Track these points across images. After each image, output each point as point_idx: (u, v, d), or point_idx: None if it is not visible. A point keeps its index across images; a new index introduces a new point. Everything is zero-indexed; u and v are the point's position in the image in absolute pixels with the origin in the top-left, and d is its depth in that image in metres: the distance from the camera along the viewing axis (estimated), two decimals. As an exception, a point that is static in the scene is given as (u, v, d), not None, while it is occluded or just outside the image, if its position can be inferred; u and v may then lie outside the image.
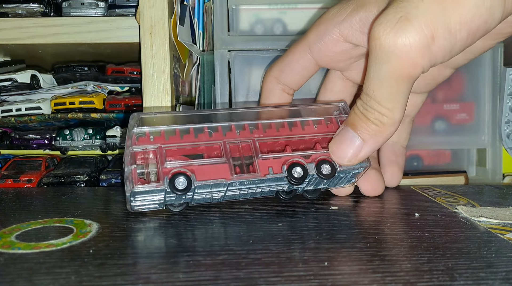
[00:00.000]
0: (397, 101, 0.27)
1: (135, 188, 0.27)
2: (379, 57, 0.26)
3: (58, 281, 0.20)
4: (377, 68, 0.26)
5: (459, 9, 0.24)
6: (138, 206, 0.29)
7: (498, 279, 0.20)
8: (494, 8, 0.24)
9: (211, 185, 0.28)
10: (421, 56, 0.25)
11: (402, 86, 0.26)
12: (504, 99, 0.47)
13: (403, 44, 0.25)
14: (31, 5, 0.44)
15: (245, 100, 0.45)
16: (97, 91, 0.50)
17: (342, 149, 0.29)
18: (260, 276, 0.20)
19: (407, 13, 0.25)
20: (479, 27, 0.24)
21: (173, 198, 0.29)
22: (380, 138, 0.28)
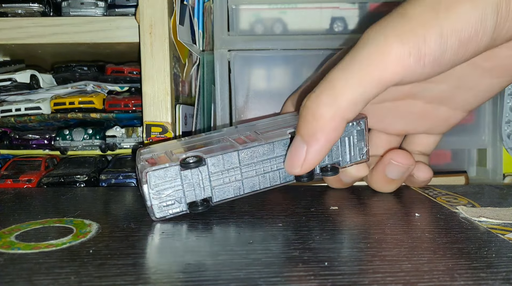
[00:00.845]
0: (351, 92, 0.25)
1: (149, 169, 0.27)
2: (363, 43, 0.25)
3: (58, 281, 0.20)
4: (356, 52, 0.25)
5: (451, 16, 0.24)
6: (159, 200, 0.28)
7: (498, 279, 0.19)
8: (486, 21, 0.24)
9: (222, 155, 0.29)
10: (408, 55, 0.24)
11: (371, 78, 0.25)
12: (505, 99, 0.47)
13: (395, 35, 0.24)
14: (30, 4, 0.44)
15: (245, 100, 0.44)
16: (96, 91, 0.50)
17: (291, 159, 0.28)
18: (260, 276, 0.20)
19: (405, 11, 0.25)
20: (470, 38, 0.24)
21: (191, 187, 0.28)
22: (321, 136, 0.26)
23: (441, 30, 0.24)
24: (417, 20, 0.24)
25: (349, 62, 0.25)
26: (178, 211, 0.29)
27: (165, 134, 0.42)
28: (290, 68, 0.44)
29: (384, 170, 0.34)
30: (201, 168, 0.28)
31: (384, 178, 0.34)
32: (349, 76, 0.25)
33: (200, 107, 0.47)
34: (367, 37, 0.25)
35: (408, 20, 0.24)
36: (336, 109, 0.25)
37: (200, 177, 0.29)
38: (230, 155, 0.29)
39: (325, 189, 0.37)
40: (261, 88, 0.45)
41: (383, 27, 0.25)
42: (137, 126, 0.48)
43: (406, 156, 0.33)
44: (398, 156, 0.33)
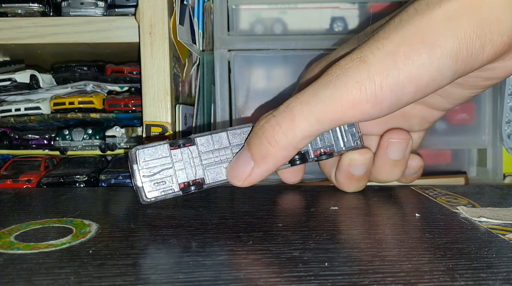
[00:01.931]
0: (309, 126, 0.26)
1: (138, 147, 0.28)
2: (327, 82, 0.26)
3: (58, 281, 0.20)
4: (318, 89, 0.26)
5: (408, 65, 0.24)
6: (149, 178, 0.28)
7: (498, 279, 0.19)
8: (443, 68, 0.24)
9: (211, 135, 0.29)
10: (365, 101, 0.25)
11: (327, 117, 0.26)
12: (505, 99, 0.47)
13: (355, 81, 0.25)
14: (30, 4, 0.44)
15: (245, 100, 0.44)
16: (96, 91, 0.50)
17: (234, 169, 0.29)
18: (260, 277, 0.20)
19: (365, 56, 0.25)
20: (428, 84, 0.25)
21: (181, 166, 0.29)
22: (271, 161, 0.28)
23: (398, 79, 0.25)
24: (375, 67, 0.25)
25: (311, 99, 0.26)
26: (169, 191, 0.29)
27: (165, 135, 0.42)
28: (290, 68, 0.44)
29: (386, 154, 0.34)
30: (191, 147, 0.29)
31: (388, 162, 0.34)
32: (309, 112, 0.26)
33: (200, 107, 0.47)
34: (330, 78, 0.26)
35: (367, 67, 0.25)
36: (292, 139, 0.27)
37: (190, 156, 0.29)
38: (219, 135, 0.29)
39: (325, 189, 0.37)
40: (261, 88, 0.45)
41: (344, 71, 0.26)
42: (137, 126, 0.48)
43: (402, 131, 0.34)
44: (394, 134, 0.33)
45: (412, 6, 0.25)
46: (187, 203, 0.32)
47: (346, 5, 0.45)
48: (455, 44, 0.24)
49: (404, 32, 0.25)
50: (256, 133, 0.28)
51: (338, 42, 0.43)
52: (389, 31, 0.25)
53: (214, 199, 0.35)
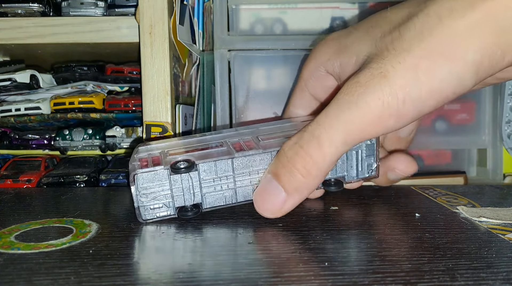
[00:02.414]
0: (336, 150, 0.26)
1: (138, 171, 0.27)
2: (347, 102, 0.26)
3: (58, 281, 0.20)
4: (339, 111, 0.26)
5: (431, 79, 0.24)
6: (146, 202, 0.28)
7: (498, 279, 0.19)
8: (465, 81, 0.24)
9: (215, 162, 0.28)
10: (388, 116, 0.25)
11: (352, 137, 0.26)
12: (505, 99, 0.47)
13: (377, 98, 0.25)
14: (30, 4, 0.44)
15: (245, 100, 0.44)
16: (96, 91, 0.50)
17: (266, 202, 0.28)
18: (260, 277, 0.20)
19: (386, 71, 0.25)
20: (447, 97, 0.25)
21: (180, 192, 0.28)
22: (305, 191, 0.27)
23: (420, 94, 0.24)
24: (397, 81, 0.24)
25: (334, 122, 0.26)
26: (165, 215, 0.28)
27: (165, 135, 0.42)
28: (290, 68, 0.44)
29: (386, 173, 0.34)
30: (192, 173, 0.28)
31: (385, 180, 0.35)
32: (334, 137, 0.26)
33: (200, 107, 0.47)
34: (350, 98, 0.26)
35: (389, 82, 0.25)
36: (322, 167, 0.27)
37: (190, 183, 0.28)
38: (224, 162, 0.28)
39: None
40: (261, 88, 0.45)
41: (365, 89, 0.25)
42: (137, 126, 0.48)
43: (410, 164, 0.34)
44: (402, 164, 0.34)
45: (434, 12, 0.24)
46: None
47: (346, 5, 0.44)
48: (477, 56, 0.24)
49: (426, 44, 0.24)
50: (284, 165, 0.27)
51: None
52: (411, 41, 0.25)
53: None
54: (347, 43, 0.31)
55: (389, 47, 0.26)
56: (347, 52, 0.30)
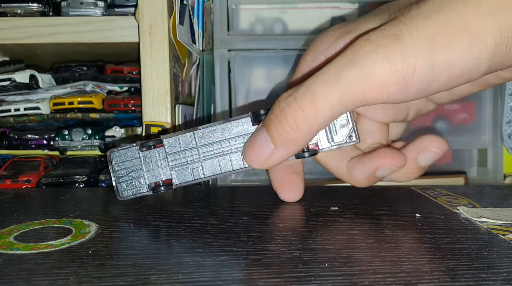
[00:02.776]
0: (330, 109, 0.25)
1: (112, 149, 0.30)
2: (351, 59, 0.24)
3: (57, 282, 0.19)
4: (341, 68, 0.24)
5: (447, 52, 0.23)
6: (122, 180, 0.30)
7: (499, 280, 0.19)
8: (481, 60, 0.23)
9: (179, 136, 0.29)
10: (393, 83, 0.24)
11: (349, 99, 0.24)
12: (505, 100, 0.47)
13: (386, 60, 0.23)
14: (30, 4, 0.44)
15: (245, 100, 0.44)
16: (96, 91, 0.49)
17: (253, 152, 0.28)
18: (260, 277, 0.20)
19: (401, 34, 0.24)
20: (462, 74, 0.24)
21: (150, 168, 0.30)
22: (292, 145, 0.27)
23: (433, 64, 0.23)
24: (411, 48, 0.23)
25: (333, 79, 0.25)
26: (140, 191, 0.30)
27: (164, 135, 0.42)
28: (290, 68, 0.44)
29: (416, 158, 0.32)
30: (159, 148, 0.30)
31: (415, 166, 0.32)
32: (330, 94, 0.25)
33: (200, 107, 0.47)
34: (356, 55, 0.24)
35: (402, 46, 0.23)
36: (313, 123, 0.26)
37: (158, 157, 0.30)
38: (187, 135, 0.29)
39: (325, 189, 0.37)
40: (261, 88, 0.45)
41: (374, 47, 0.24)
42: (137, 126, 0.48)
43: (443, 141, 0.32)
44: (435, 142, 0.32)
45: None
46: (187, 203, 0.32)
47: (346, 5, 0.44)
48: (497, 37, 0.23)
49: (447, 16, 0.23)
50: (276, 116, 0.26)
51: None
52: (430, 11, 0.23)
53: (214, 199, 0.35)
54: (352, 27, 0.29)
55: (406, 15, 0.24)
56: (354, 32, 0.28)
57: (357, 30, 0.28)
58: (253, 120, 0.29)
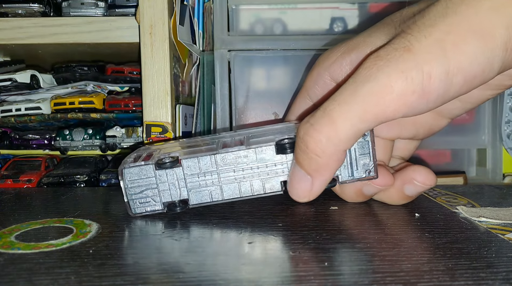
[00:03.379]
0: (351, 127, 0.24)
1: (125, 166, 0.28)
2: (365, 77, 0.24)
3: (58, 281, 0.20)
4: (356, 86, 0.24)
5: (458, 54, 0.23)
6: (135, 197, 0.29)
7: (498, 279, 0.19)
8: (493, 59, 0.23)
9: (198, 158, 0.28)
10: (411, 92, 0.23)
11: (370, 115, 0.24)
12: (504, 99, 0.47)
13: (400, 71, 0.23)
14: (30, 5, 0.44)
15: (245, 100, 0.44)
16: (96, 91, 0.50)
17: (295, 188, 0.28)
18: (260, 276, 0.20)
19: (411, 45, 0.24)
20: (476, 75, 0.24)
21: (166, 187, 0.29)
22: (325, 171, 0.26)
23: (448, 68, 0.23)
24: (423, 56, 0.23)
25: (349, 97, 0.24)
26: (154, 209, 0.29)
27: (165, 135, 0.42)
28: (290, 68, 0.44)
29: (402, 187, 0.31)
30: (176, 169, 0.29)
31: (400, 195, 0.32)
32: (349, 112, 0.24)
33: (200, 107, 0.47)
34: (369, 72, 0.24)
35: (414, 56, 0.23)
36: (337, 144, 0.25)
37: (175, 178, 0.29)
38: (207, 158, 0.28)
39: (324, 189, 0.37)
40: (261, 88, 0.45)
41: (386, 61, 0.24)
42: (137, 126, 0.48)
43: (430, 175, 0.31)
44: (422, 176, 0.30)
45: None
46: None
47: (346, 5, 0.45)
48: (505, 34, 0.23)
49: (452, 20, 0.23)
50: (300, 147, 0.26)
51: (338, 42, 0.43)
52: (436, 18, 0.24)
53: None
54: (358, 41, 0.29)
55: (412, 26, 0.24)
56: (360, 46, 0.28)
57: (362, 45, 0.28)
58: (277, 150, 0.28)
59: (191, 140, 0.33)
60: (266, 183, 0.29)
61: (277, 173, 0.29)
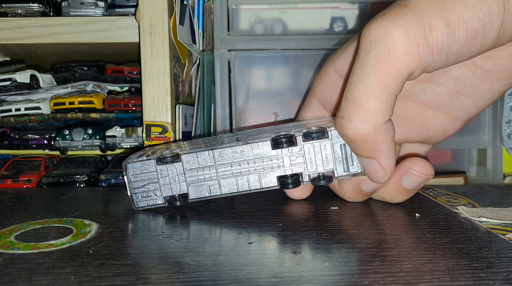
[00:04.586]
0: (378, 99, 0.25)
1: (128, 161, 0.30)
2: (368, 46, 0.24)
3: (58, 281, 0.20)
4: (362, 60, 0.25)
5: (458, 7, 0.23)
6: (137, 191, 0.30)
7: (498, 279, 0.19)
8: (492, 13, 0.23)
9: (196, 153, 0.30)
10: (416, 45, 0.23)
11: (389, 80, 0.24)
12: (505, 99, 0.47)
13: (400, 26, 0.23)
14: (30, 5, 0.44)
15: (245, 100, 0.44)
16: (96, 91, 0.50)
17: (371, 175, 0.28)
18: (260, 277, 0.20)
19: (407, 2, 0.24)
20: (477, 31, 0.24)
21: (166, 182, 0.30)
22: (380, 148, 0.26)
23: (449, 20, 0.23)
24: (422, 9, 0.23)
25: (361, 74, 0.25)
26: (155, 203, 0.31)
27: (165, 135, 0.42)
28: (290, 68, 0.44)
29: (399, 179, 0.31)
30: (176, 163, 0.30)
31: (398, 188, 0.31)
32: (368, 88, 0.25)
33: (200, 107, 0.47)
34: (370, 39, 0.24)
35: (412, 10, 0.24)
36: (374, 121, 0.25)
37: (175, 172, 0.30)
38: (205, 153, 0.30)
39: (325, 188, 0.37)
40: (261, 88, 0.45)
41: (385, 21, 0.24)
42: (137, 126, 0.48)
43: (427, 165, 0.30)
44: (418, 165, 0.30)
45: None
46: (188, 203, 0.32)
47: (346, 5, 0.44)
48: None
49: None
50: (347, 142, 0.27)
51: (338, 42, 0.43)
52: None
53: (214, 199, 0.35)
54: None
55: None
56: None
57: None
58: (273, 145, 0.29)
59: (196, 140, 0.34)
60: (263, 178, 0.30)
61: (273, 168, 0.30)
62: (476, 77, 0.29)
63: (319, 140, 0.29)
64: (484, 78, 0.29)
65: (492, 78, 0.28)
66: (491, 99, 0.30)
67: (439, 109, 0.31)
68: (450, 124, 0.32)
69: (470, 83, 0.29)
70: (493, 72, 0.28)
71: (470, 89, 0.29)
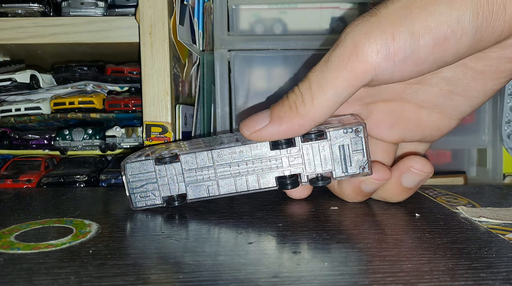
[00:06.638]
0: (325, 93, 0.26)
1: (127, 161, 0.30)
2: (336, 44, 0.26)
3: (58, 281, 0.20)
4: (329, 54, 0.26)
5: (424, 15, 0.24)
6: (136, 191, 0.30)
7: (498, 279, 0.19)
8: (463, 20, 0.24)
9: (195, 153, 0.30)
10: (376, 52, 0.24)
11: (341, 79, 0.25)
12: (505, 99, 0.47)
13: (363, 33, 0.25)
14: (30, 5, 0.44)
15: (245, 100, 0.44)
16: (96, 91, 0.50)
17: (250, 120, 0.29)
18: (260, 277, 0.20)
19: (377, 10, 0.25)
20: (446, 37, 0.24)
21: (165, 182, 0.30)
22: (284, 124, 0.27)
23: (413, 28, 0.24)
24: (388, 18, 0.24)
25: (323, 64, 0.26)
26: (154, 203, 0.31)
27: (165, 135, 0.42)
28: (290, 68, 0.44)
29: (400, 178, 0.31)
30: (175, 164, 0.30)
31: (399, 187, 0.31)
32: (322, 80, 0.26)
33: (200, 107, 0.47)
34: (340, 39, 0.26)
35: (378, 19, 0.25)
36: (309, 109, 0.27)
37: (174, 173, 0.30)
38: (204, 154, 0.30)
39: (325, 189, 0.37)
40: (261, 88, 0.45)
41: (354, 27, 0.25)
42: (137, 126, 0.48)
43: (427, 163, 0.31)
44: (418, 163, 0.30)
45: None
46: (187, 203, 0.32)
47: (346, 5, 0.45)
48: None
49: None
50: (282, 98, 0.28)
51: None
52: None
53: (214, 199, 0.35)
54: None
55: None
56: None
57: None
58: (272, 146, 0.29)
59: (196, 140, 0.34)
60: (261, 178, 0.30)
61: (272, 168, 0.30)
62: (468, 77, 0.29)
63: (317, 141, 0.29)
64: (476, 79, 0.29)
65: (484, 78, 0.29)
66: (485, 98, 0.30)
67: (433, 109, 0.31)
68: (445, 122, 0.32)
69: (462, 83, 0.29)
70: (485, 73, 0.28)
71: (462, 89, 0.30)
